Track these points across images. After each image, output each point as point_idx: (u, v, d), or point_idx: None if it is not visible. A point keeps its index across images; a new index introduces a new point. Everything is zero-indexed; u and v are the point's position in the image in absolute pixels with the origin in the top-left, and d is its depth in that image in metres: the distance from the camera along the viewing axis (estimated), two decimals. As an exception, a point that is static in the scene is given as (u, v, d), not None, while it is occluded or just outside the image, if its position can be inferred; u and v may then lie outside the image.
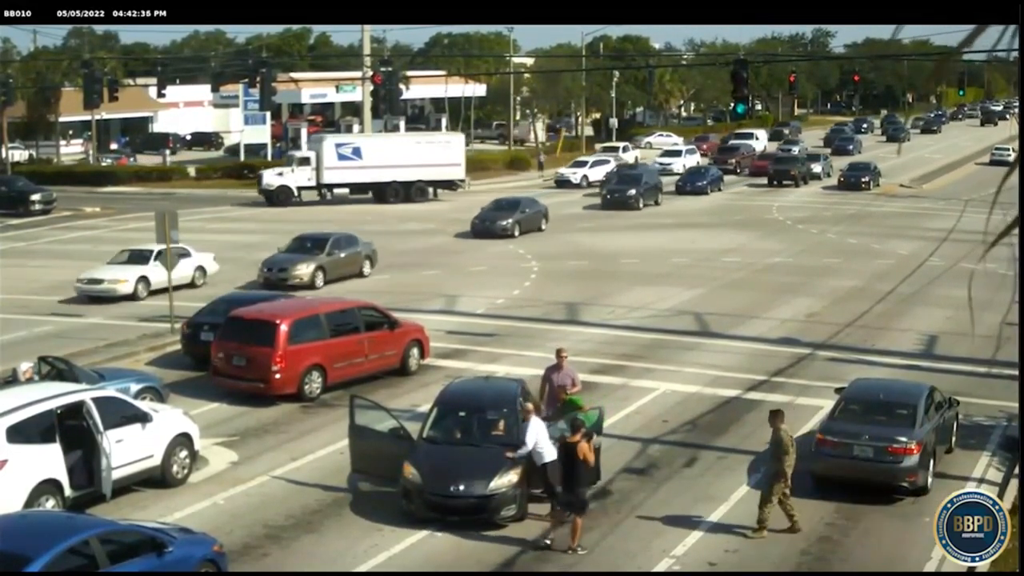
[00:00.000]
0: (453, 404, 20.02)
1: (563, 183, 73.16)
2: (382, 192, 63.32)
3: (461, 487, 18.07)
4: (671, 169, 78.36)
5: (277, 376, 24.80)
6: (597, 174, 73.54)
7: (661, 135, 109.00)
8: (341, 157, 63.01)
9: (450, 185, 65.66)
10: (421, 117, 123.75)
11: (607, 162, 76.56)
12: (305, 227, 53.56)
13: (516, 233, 49.59)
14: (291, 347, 24.96)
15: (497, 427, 19.25)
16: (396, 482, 18.65)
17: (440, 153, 64.75)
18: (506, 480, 18.06)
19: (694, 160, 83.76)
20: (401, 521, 18.22)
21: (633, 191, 61.30)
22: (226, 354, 25.41)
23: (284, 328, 25.09)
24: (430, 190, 65.22)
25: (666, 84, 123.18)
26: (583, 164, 76.72)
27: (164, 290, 32.54)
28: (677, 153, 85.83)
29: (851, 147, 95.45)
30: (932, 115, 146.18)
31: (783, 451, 17.62)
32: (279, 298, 28.91)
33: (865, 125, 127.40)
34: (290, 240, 40.40)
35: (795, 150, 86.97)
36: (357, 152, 63.49)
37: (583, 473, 17.36)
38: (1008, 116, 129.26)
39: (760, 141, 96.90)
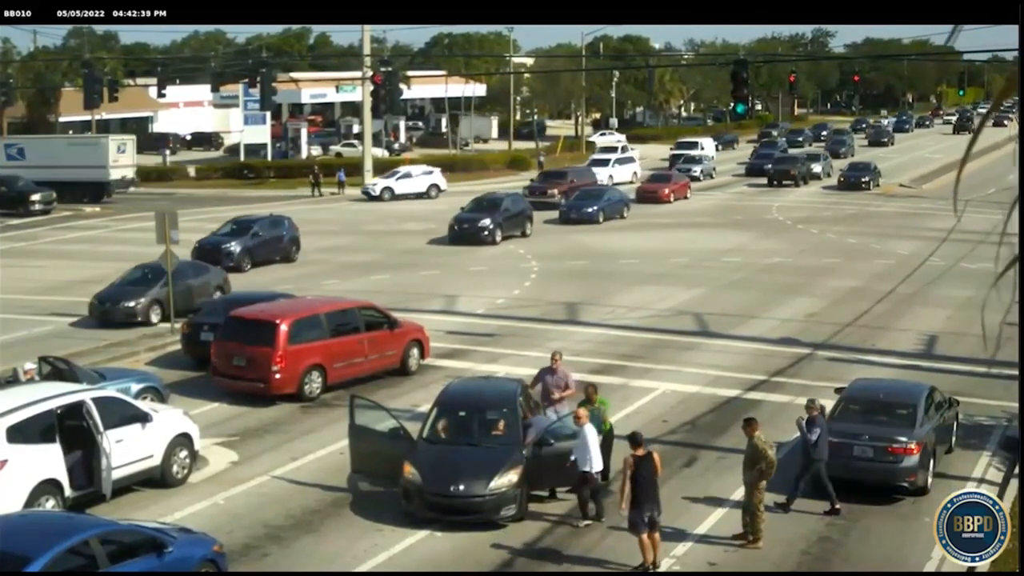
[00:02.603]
0: (453, 404, 20.00)
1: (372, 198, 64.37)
2: (76, 193, 61.19)
3: (461, 487, 18.05)
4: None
5: (277, 376, 24.80)
6: (407, 187, 65.44)
7: (605, 134, 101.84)
8: (9, 157, 63.58)
9: (99, 189, 62.21)
10: (421, 117, 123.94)
11: (430, 172, 67.86)
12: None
13: (153, 318, 32.17)
14: (291, 347, 24.95)
15: (497, 427, 19.26)
16: (396, 482, 18.65)
17: (85, 155, 62.41)
18: (506, 480, 18.05)
19: (629, 170, 72.29)
20: (401, 521, 18.22)
21: (487, 221, 48.23)
22: (226, 354, 25.41)
23: (284, 328, 25.08)
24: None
25: (666, 84, 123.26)
26: (394, 175, 67.03)
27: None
28: (604, 163, 71.98)
29: (768, 164, 76.48)
30: (884, 122, 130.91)
31: (759, 458, 17.54)
32: (279, 298, 28.89)
33: (825, 132, 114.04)
34: None
35: (695, 169, 74.78)
36: (21, 152, 63.90)
37: (656, 488, 16.65)
38: (1008, 120, 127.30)
39: (706, 151, 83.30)
